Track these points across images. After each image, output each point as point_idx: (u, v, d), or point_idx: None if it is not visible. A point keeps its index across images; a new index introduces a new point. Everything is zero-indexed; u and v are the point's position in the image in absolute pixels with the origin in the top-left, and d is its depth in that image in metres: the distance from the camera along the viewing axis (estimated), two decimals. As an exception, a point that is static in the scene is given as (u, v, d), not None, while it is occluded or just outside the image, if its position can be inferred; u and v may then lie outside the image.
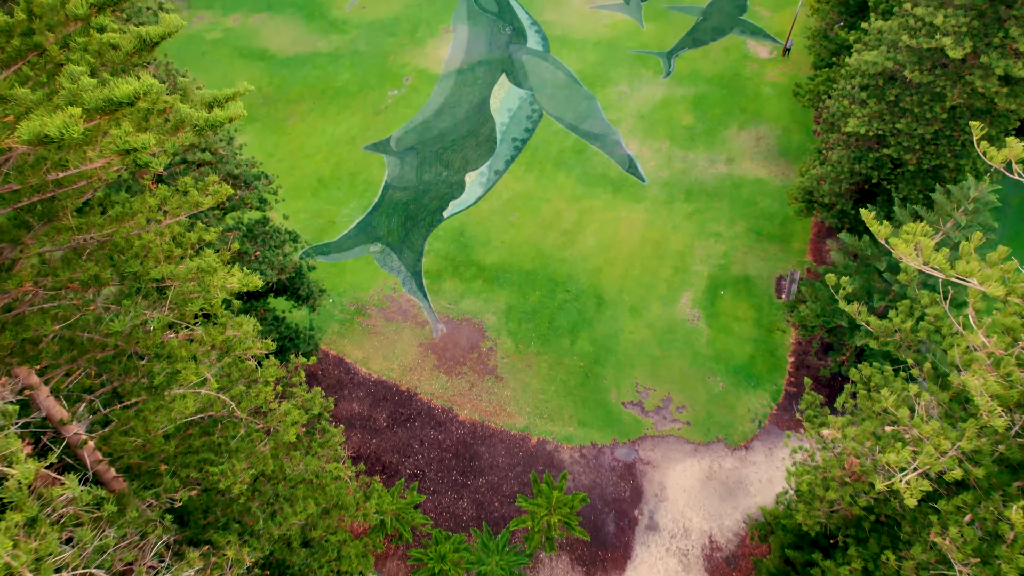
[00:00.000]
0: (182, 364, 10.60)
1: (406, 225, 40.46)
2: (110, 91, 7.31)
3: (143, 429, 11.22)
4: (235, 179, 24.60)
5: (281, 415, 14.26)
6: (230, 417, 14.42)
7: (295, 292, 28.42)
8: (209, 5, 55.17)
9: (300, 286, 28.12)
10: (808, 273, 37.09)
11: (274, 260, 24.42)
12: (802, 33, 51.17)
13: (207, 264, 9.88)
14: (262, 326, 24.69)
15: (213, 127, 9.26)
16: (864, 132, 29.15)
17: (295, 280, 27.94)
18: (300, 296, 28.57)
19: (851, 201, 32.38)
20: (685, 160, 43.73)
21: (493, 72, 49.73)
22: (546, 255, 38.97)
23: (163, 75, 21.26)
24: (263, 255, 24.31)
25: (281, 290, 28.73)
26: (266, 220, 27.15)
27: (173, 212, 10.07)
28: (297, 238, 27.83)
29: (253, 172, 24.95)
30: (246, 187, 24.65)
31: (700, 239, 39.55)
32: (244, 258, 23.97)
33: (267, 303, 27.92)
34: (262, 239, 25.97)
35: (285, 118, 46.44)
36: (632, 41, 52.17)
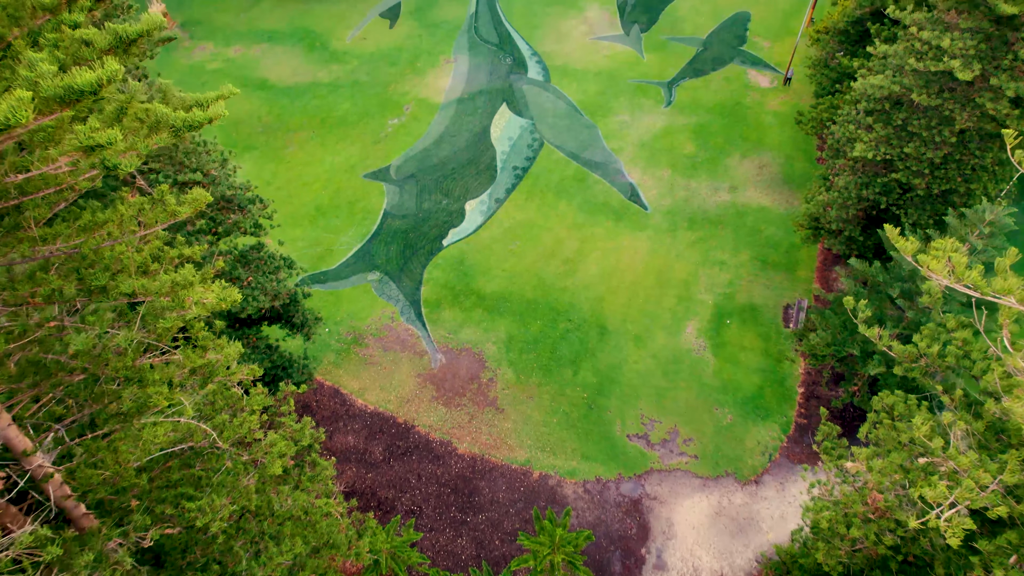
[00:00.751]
0: (154, 388, 9.70)
1: (405, 254, 39.77)
2: (70, 79, 6.58)
3: (113, 461, 10.26)
4: (228, 202, 23.95)
5: (267, 446, 13.28)
6: (212, 448, 13.45)
7: (289, 320, 27.56)
8: (211, 36, 55.41)
9: (295, 314, 27.27)
10: (816, 301, 36.26)
11: (267, 286, 23.61)
12: (802, 63, 51.21)
13: (183, 278, 9.07)
14: (254, 355, 23.79)
15: (191, 128, 8.53)
16: (871, 157, 28.61)
17: (289, 308, 27.10)
18: (294, 324, 27.70)
19: (859, 227, 31.72)
20: (687, 188, 43.25)
21: (494, 101, 49.62)
22: (547, 284, 38.20)
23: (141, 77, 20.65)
24: (256, 280, 23.51)
25: (275, 318, 27.88)
26: (261, 246, 26.45)
27: (149, 223, 9.29)
28: (292, 264, 27.09)
29: (247, 196, 24.31)
30: (240, 211, 23.98)
31: (704, 267, 38.81)
32: (236, 283, 23.17)
33: (260, 331, 27.03)
34: (255, 265, 25.21)
35: (284, 147, 46.13)
36: (633, 71, 52.19)
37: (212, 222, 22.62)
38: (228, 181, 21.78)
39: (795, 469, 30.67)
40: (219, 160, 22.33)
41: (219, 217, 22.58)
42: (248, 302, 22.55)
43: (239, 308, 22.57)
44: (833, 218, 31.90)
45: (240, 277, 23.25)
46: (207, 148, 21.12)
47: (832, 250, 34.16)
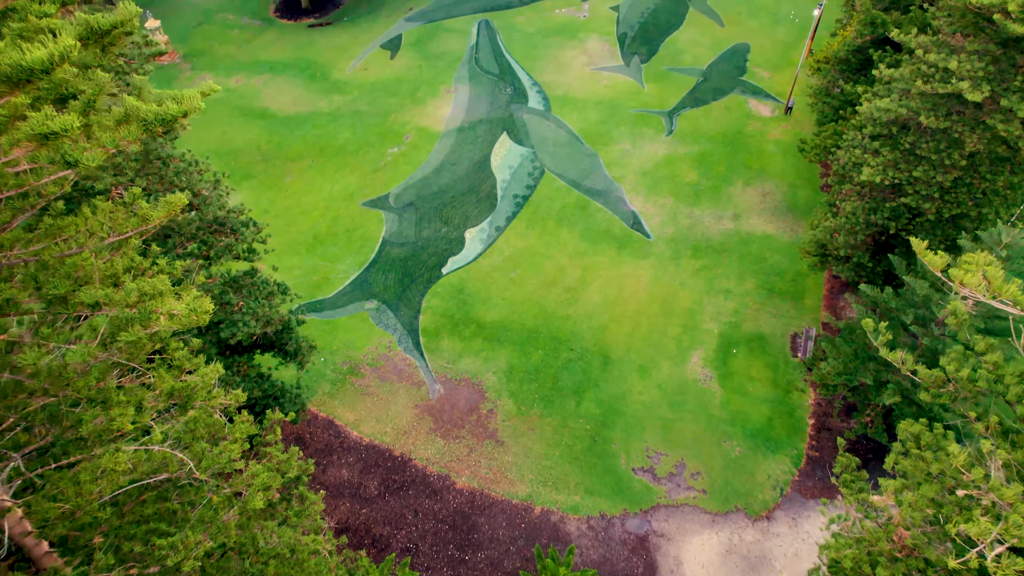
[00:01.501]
0: (118, 411, 8.80)
1: (403, 282, 39.01)
2: (19, 56, 5.87)
3: (74, 493, 9.31)
4: (221, 225, 23.26)
5: (248, 478, 12.29)
6: (191, 480, 12.45)
7: (282, 348, 26.64)
8: (212, 67, 55.55)
9: (287, 341, 26.36)
10: (825, 329, 35.35)
11: (259, 311, 22.76)
12: (803, 92, 51.18)
13: (152, 287, 8.24)
14: (244, 383, 22.84)
15: (164, 122, 7.81)
16: (879, 181, 28.03)
17: (282, 335, 26.21)
18: (287, 352, 26.78)
19: (867, 253, 30.99)
20: (691, 216, 42.70)
21: (494, 130, 49.42)
22: (549, 312, 37.35)
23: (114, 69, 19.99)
24: (247, 306, 22.68)
25: (268, 346, 26.97)
26: (254, 271, 25.68)
27: (119, 229, 8.51)
28: (287, 290, 26.29)
29: (240, 219, 23.63)
30: (232, 234, 23.26)
31: (709, 296, 37.99)
32: (226, 309, 22.34)
33: (252, 359, 26.09)
34: (248, 290, 24.41)
35: (283, 175, 45.74)
36: (633, 101, 52.14)
37: (204, 245, 21.90)
38: (220, 202, 21.10)
39: (808, 504, 29.39)
40: (211, 181, 21.70)
41: (211, 240, 21.86)
42: (238, 327, 21.69)
43: (229, 334, 21.69)
44: (841, 244, 31.20)
45: (231, 302, 22.42)
46: (199, 168, 20.52)
47: (841, 277, 33.40)
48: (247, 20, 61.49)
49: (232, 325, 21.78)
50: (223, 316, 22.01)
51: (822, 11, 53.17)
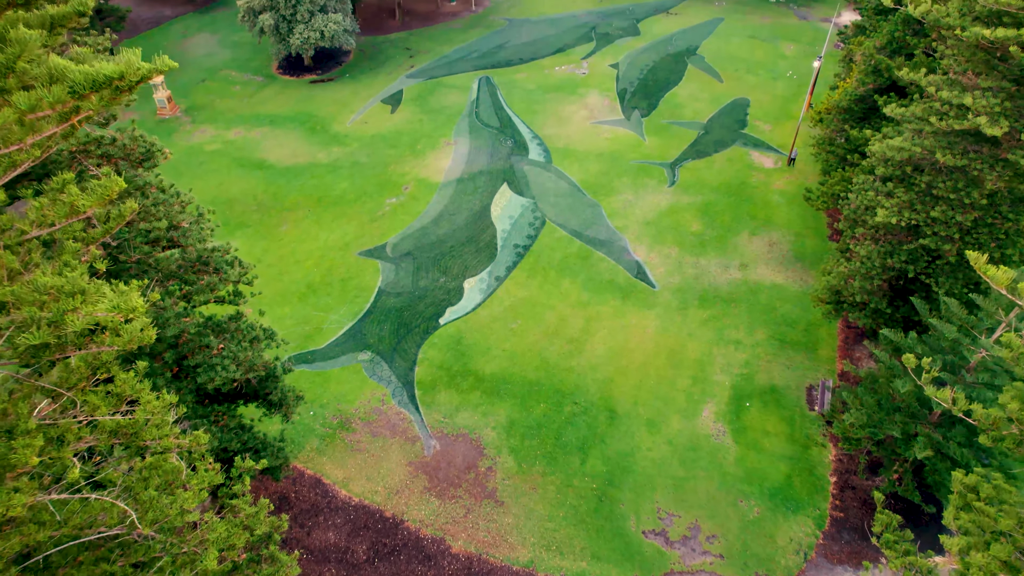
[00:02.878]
0: (23, 441, 7.14)
1: (399, 332, 37.42)
2: None
3: (-23, 547, 7.58)
4: (205, 265, 21.91)
5: (203, 532, 10.46)
6: (135, 537, 10.62)
7: (266, 397, 24.85)
8: (212, 120, 55.53)
9: (272, 390, 24.59)
10: (843, 380, 33.54)
11: (240, 356, 21.13)
12: (805, 144, 50.89)
13: (69, 284, 6.76)
14: (222, 434, 21.01)
15: (97, 87, 6.50)
16: (895, 222, 26.85)
17: (266, 383, 24.47)
18: (271, 402, 24.96)
19: (885, 299, 29.54)
20: (696, 266, 41.47)
21: (494, 181, 48.82)
22: (551, 364, 35.61)
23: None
24: (228, 349, 21.08)
25: (251, 395, 25.19)
26: (239, 315, 24.17)
27: (40, 221, 7.11)
28: (273, 335, 24.68)
29: (225, 258, 22.29)
30: (216, 273, 21.88)
31: (718, 347, 36.34)
32: (205, 352, 20.73)
33: (233, 409, 24.27)
34: (231, 334, 22.85)
35: (278, 224, 44.80)
36: (634, 153, 51.80)
37: (183, 283, 20.49)
38: (200, 234, 19.79)
39: (836, 571, 26.94)
40: (194, 215, 20.48)
41: (190, 278, 20.47)
42: (216, 372, 20.03)
43: (206, 378, 20.02)
44: (856, 290, 29.78)
45: (210, 345, 20.84)
46: (180, 199, 19.32)
47: (858, 324, 31.84)
48: (249, 76, 62.02)
49: (210, 369, 20.14)
50: (201, 360, 20.39)
51: (821, 64, 53.52)
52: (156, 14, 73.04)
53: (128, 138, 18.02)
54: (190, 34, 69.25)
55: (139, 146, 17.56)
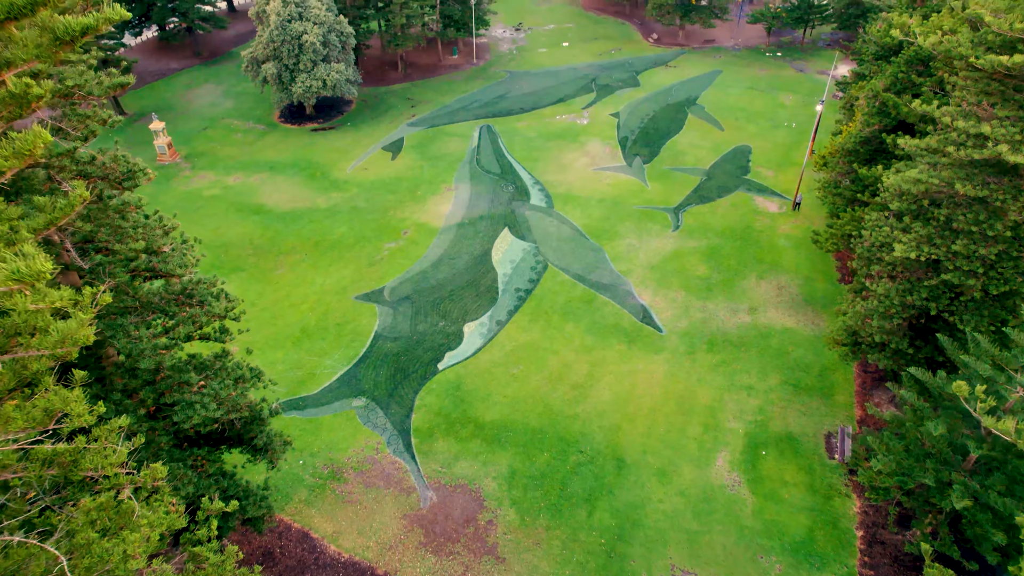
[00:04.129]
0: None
1: (395, 378, 35.81)
2: None
3: None
4: (189, 297, 20.64)
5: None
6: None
7: (250, 442, 23.15)
8: (212, 166, 55.23)
9: (257, 434, 22.92)
10: (865, 424, 31.74)
11: (222, 394, 19.61)
12: (809, 189, 50.34)
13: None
14: (200, 480, 19.30)
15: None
16: (915, 257, 25.69)
17: (251, 426, 22.82)
18: (256, 447, 23.25)
19: (906, 339, 28.11)
20: (704, 310, 40.16)
21: (495, 226, 48.03)
22: (555, 411, 33.89)
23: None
24: (209, 387, 19.57)
25: (235, 439, 23.51)
26: (225, 353, 22.75)
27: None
28: (260, 375, 23.16)
29: (210, 290, 21.02)
30: (200, 306, 20.58)
31: (730, 393, 34.67)
32: (184, 388, 19.23)
33: (216, 454, 22.56)
34: (215, 372, 21.38)
35: (274, 268, 43.72)
36: (637, 198, 51.22)
37: (164, 315, 19.17)
38: (183, 260, 18.53)
39: (869, 636, 24.62)
40: (178, 242, 19.31)
41: (172, 310, 19.15)
42: (195, 410, 18.47)
43: (183, 417, 18.44)
44: (875, 329, 28.40)
45: (190, 381, 19.34)
46: (163, 225, 18.17)
47: (878, 366, 30.27)
48: (251, 125, 62.17)
49: (188, 407, 18.60)
50: (179, 397, 18.87)
51: (823, 109, 53.51)
52: (162, 67, 73.99)
53: (109, 158, 17.03)
54: (195, 85, 69.92)
55: (120, 166, 16.57)
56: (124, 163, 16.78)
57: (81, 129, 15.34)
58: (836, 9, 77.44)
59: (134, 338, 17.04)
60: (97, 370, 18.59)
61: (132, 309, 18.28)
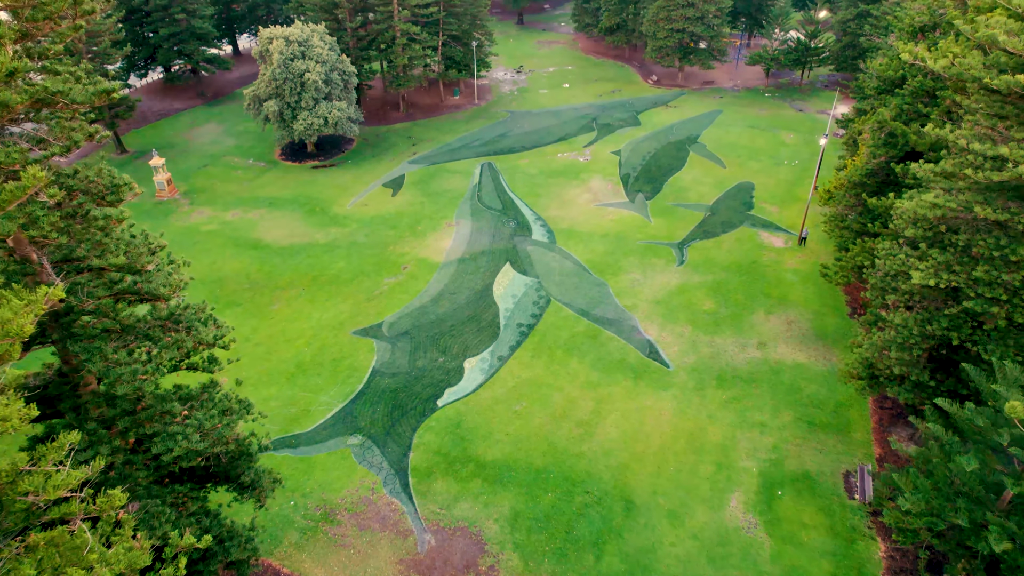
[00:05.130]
0: None
1: (393, 415, 34.41)
2: None
3: None
4: (176, 324, 19.55)
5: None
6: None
7: (237, 479, 21.73)
8: (211, 202, 54.75)
9: (244, 470, 21.52)
10: (886, 461, 30.19)
11: (206, 425, 18.34)
12: (815, 222, 49.70)
13: None
14: (180, 519, 17.89)
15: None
16: (934, 285, 24.67)
17: (238, 462, 21.44)
18: (243, 484, 21.81)
19: (926, 371, 26.86)
20: (712, 345, 38.96)
21: (496, 261, 47.20)
22: (560, 449, 32.40)
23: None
24: (193, 418, 18.32)
25: (222, 476, 22.10)
26: (213, 384, 21.54)
27: None
28: (250, 407, 21.86)
29: (198, 316, 19.95)
30: (187, 332, 19.47)
31: (742, 430, 33.22)
32: (165, 419, 17.98)
33: (199, 491, 21.12)
34: (200, 402, 20.14)
35: (270, 303, 42.68)
36: (640, 233, 50.53)
37: (148, 340, 18.04)
38: (168, 280, 17.47)
39: None
40: (164, 262, 18.30)
41: (155, 334, 18.03)
42: (176, 441, 17.17)
43: (164, 449, 17.13)
44: (893, 361, 27.19)
45: (173, 412, 18.10)
46: (149, 243, 17.20)
47: (898, 399, 28.93)
48: (252, 162, 62.03)
49: (169, 438, 17.31)
50: (160, 428, 17.60)
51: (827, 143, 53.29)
52: (166, 107, 74.44)
53: (94, 172, 16.18)
54: (197, 124, 70.16)
55: (103, 179, 15.72)
56: (108, 176, 15.92)
57: (63, 139, 14.51)
58: (833, 51, 78.35)
59: (112, 362, 15.90)
60: (72, 398, 17.39)
61: (113, 332, 17.18)
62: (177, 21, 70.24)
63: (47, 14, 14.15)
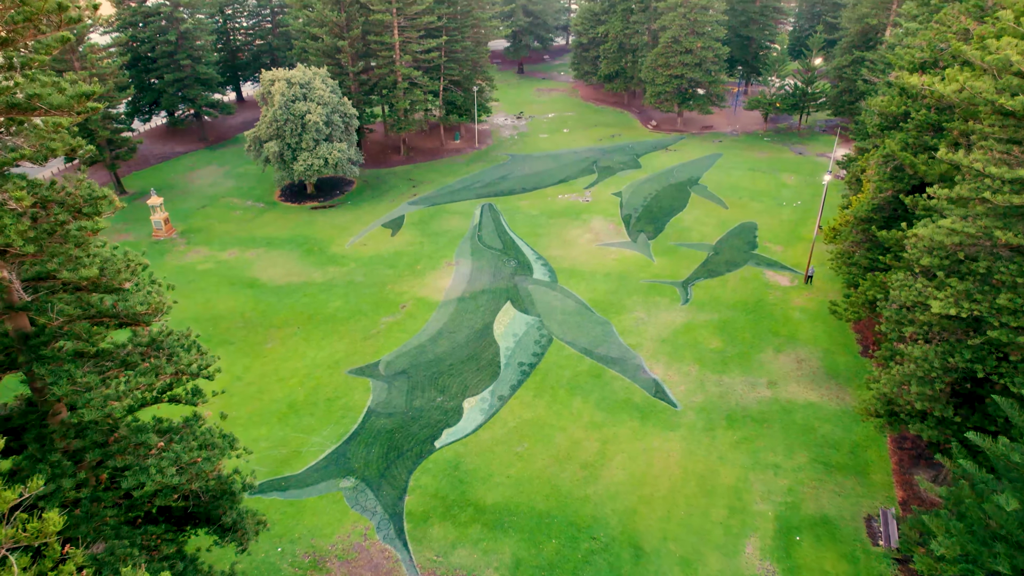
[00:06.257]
0: None
1: (388, 456, 32.80)
2: None
3: None
4: (158, 350, 18.38)
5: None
6: None
7: (218, 520, 20.17)
8: (208, 242, 54.05)
9: (226, 510, 19.99)
10: (911, 504, 28.48)
11: (183, 458, 16.97)
12: (821, 261, 48.86)
13: None
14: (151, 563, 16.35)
15: None
16: (955, 314, 23.57)
17: (219, 501, 19.93)
18: (224, 526, 20.24)
19: (950, 406, 25.49)
20: (720, 384, 37.57)
21: (497, 300, 46.16)
22: (564, 493, 30.71)
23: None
24: (169, 450, 16.97)
25: (203, 517, 20.54)
26: (196, 417, 20.24)
27: None
28: (234, 442, 20.50)
29: (180, 342, 18.79)
30: (168, 360, 18.27)
31: (755, 472, 31.59)
32: (139, 451, 16.64)
33: (177, 534, 19.54)
34: (180, 436, 18.80)
35: (264, 342, 41.44)
36: (644, 272, 49.64)
37: (124, 366, 16.84)
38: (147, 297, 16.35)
39: None
40: (145, 281, 17.23)
41: (132, 358, 16.84)
42: (148, 475, 15.79)
43: (135, 483, 15.72)
44: (914, 396, 25.83)
45: (148, 443, 16.76)
46: (129, 261, 16.12)
47: (922, 436, 27.42)
48: (251, 203, 61.65)
49: (142, 472, 15.93)
50: (132, 461, 16.23)
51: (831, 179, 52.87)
52: (168, 150, 74.67)
53: (72, 184, 15.30)
54: (198, 167, 70.17)
55: (81, 190, 14.84)
56: (86, 189, 15.02)
57: (37, 145, 13.67)
58: (830, 96, 79.08)
59: (80, 386, 14.69)
60: (39, 428, 16.10)
61: (86, 356, 16.00)
62: (182, 67, 71.04)
63: (27, 15, 13.46)
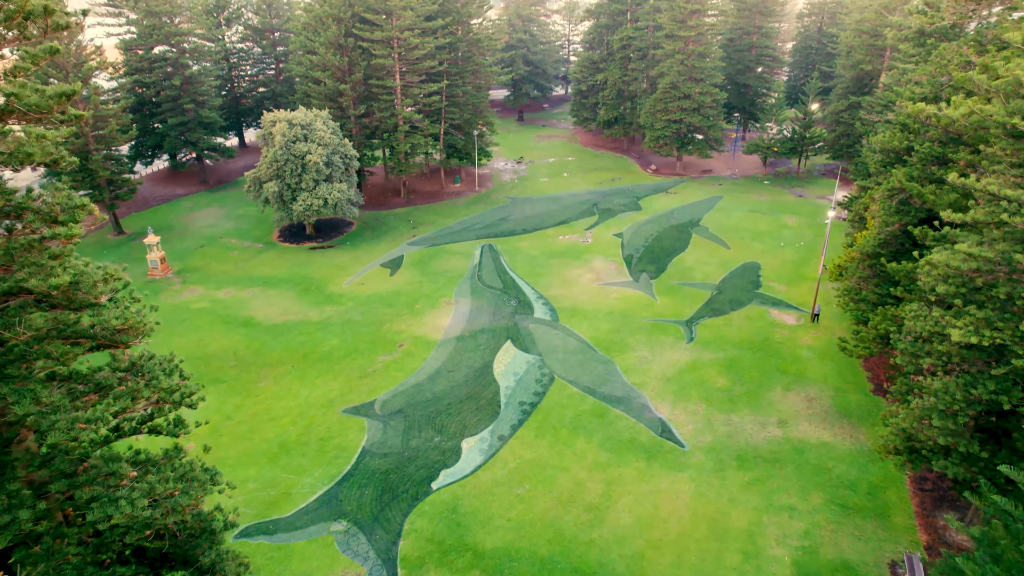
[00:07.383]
0: None
1: (382, 499, 31.21)
2: None
3: None
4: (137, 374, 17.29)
5: None
6: None
7: (195, 561, 18.67)
8: (204, 281, 53.27)
9: (203, 550, 18.52)
10: (937, 548, 26.80)
11: (158, 489, 15.69)
12: (827, 299, 47.94)
13: None
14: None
15: None
16: (976, 342, 22.53)
17: (198, 540, 18.49)
18: (202, 568, 18.72)
19: (975, 440, 24.17)
20: (728, 423, 36.17)
21: (497, 339, 45.07)
22: (567, 537, 29.04)
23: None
24: (142, 481, 15.71)
25: (179, 558, 19.04)
26: (177, 449, 18.97)
27: None
28: (216, 477, 19.14)
29: (162, 367, 17.71)
30: (146, 384, 17.16)
31: (769, 514, 29.97)
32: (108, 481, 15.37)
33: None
34: (158, 468, 17.53)
35: (256, 380, 40.17)
36: (647, 311, 48.68)
37: (97, 388, 15.74)
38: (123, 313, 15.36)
39: None
40: (124, 295, 16.23)
41: (109, 381, 15.75)
42: (117, 506, 14.52)
43: (101, 515, 14.42)
44: (936, 431, 24.53)
45: (118, 473, 15.51)
46: (107, 275, 15.20)
47: (946, 474, 25.93)
48: (249, 244, 61.14)
49: (110, 503, 14.65)
50: (100, 491, 14.97)
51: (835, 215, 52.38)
52: (168, 192, 74.70)
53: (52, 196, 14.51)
54: (197, 208, 70.01)
55: (60, 200, 14.04)
56: (66, 199, 14.24)
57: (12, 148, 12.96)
58: (828, 140, 79.58)
59: (45, 406, 13.59)
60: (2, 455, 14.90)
61: (57, 376, 14.94)
62: (185, 111, 71.65)
63: (8, 14, 12.91)
